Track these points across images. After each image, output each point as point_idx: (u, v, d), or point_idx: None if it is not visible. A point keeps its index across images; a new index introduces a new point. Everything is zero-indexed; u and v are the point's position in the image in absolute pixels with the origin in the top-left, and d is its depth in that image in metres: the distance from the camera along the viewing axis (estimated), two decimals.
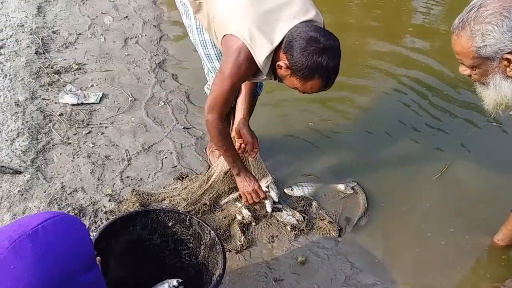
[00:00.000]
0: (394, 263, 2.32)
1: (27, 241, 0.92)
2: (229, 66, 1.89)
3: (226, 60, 1.91)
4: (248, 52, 1.84)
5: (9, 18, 3.82)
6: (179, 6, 2.27)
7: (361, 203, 2.59)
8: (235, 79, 1.92)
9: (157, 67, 3.59)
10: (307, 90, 1.88)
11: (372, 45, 4.26)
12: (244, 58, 1.85)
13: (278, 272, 2.20)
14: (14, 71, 3.22)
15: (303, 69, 1.78)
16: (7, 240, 0.92)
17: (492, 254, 2.41)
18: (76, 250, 0.98)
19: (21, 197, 2.35)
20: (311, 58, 1.75)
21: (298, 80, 1.84)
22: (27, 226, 0.94)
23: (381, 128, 3.21)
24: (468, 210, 2.62)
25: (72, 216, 1.04)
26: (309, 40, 1.75)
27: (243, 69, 1.88)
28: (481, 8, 1.54)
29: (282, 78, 1.91)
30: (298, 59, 1.76)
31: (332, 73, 1.82)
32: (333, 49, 1.79)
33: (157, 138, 2.88)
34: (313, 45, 1.75)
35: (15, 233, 0.93)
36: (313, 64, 1.75)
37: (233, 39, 1.86)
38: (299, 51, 1.76)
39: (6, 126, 2.75)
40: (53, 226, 0.96)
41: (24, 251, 0.91)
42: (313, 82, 1.82)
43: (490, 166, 2.92)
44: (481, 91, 1.74)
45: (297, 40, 1.77)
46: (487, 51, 1.56)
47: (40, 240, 0.93)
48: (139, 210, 2.03)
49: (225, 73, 1.91)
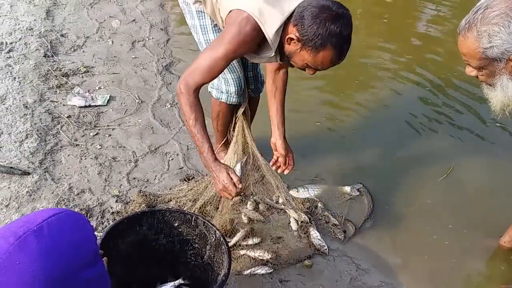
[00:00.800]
0: (399, 264, 2.32)
1: (32, 237, 0.94)
2: (230, 33, 1.75)
3: (228, 29, 1.77)
4: (255, 23, 1.74)
5: (18, 22, 3.87)
6: (183, 6, 2.27)
7: (366, 205, 2.59)
8: (232, 47, 1.76)
9: (164, 69, 3.61)
10: (318, 64, 1.76)
11: (379, 47, 4.26)
12: (251, 29, 1.74)
13: (284, 273, 2.20)
14: (23, 74, 3.26)
15: (315, 38, 1.68)
16: (12, 237, 0.93)
17: (499, 256, 2.40)
18: (80, 246, 0.99)
19: (29, 197, 2.38)
20: (323, 25, 1.66)
21: (309, 52, 1.73)
22: (32, 223, 0.96)
23: (386, 129, 3.23)
24: (473, 212, 2.61)
25: (76, 212, 1.05)
26: (321, 7, 1.68)
27: (245, 39, 1.75)
28: (488, 9, 1.54)
29: (291, 56, 1.79)
30: (310, 27, 1.67)
31: (345, 43, 1.73)
32: (346, 18, 1.71)
33: (163, 140, 2.90)
34: (326, 12, 1.67)
35: (20, 229, 0.94)
36: (326, 31, 1.66)
37: (239, 12, 1.75)
38: (310, 18, 1.67)
39: (15, 128, 2.78)
40: (57, 222, 0.98)
41: (29, 247, 0.93)
42: (325, 53, 1.71)
43: (496, 167, 2.92)
44: (488, 92, 1.74)
45: (308, 9, 1.69)
46: (493, 52, 1.56)
47: (44, 236, 0.95)
48: (145, 210, 2.05)
49: (224, 39, 1.77)
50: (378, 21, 4.80)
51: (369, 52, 4.16)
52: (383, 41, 4.34)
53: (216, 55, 1.79)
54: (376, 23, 4.75)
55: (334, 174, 2.81)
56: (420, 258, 2.36)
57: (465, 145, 3.11)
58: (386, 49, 4.23)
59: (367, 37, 4.41)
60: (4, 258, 0.92)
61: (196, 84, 1.85)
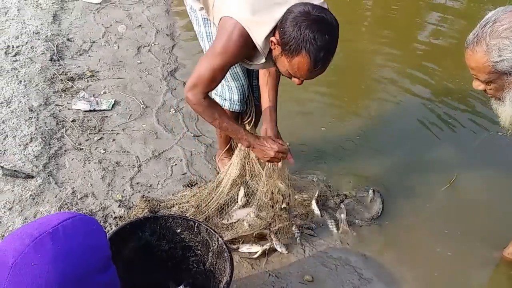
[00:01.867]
0: (402, 274, 2.30)
1: (47, 239, 0.95)
2: (222, 42, 1.78)
3: (219, 37, 1.81)
4: (244, 30, 1.75)
5: (25, 26, 3.89)
6: (190, 13, 2.29)
7: (374, 209, 2.60)
8: (226, 57, 1.80)
9: (169, 75, 3.63)
10: (296, 71, 1.74)
11: (384, 54, 4.28)
12: (239, 35, 1.75)
13: (285, 281, 2.19)
14: (28, 77, 3.28)
15: (290, 42, 1.66)
16: (28, 238, 0.94)
17: (502, 268, 2.38)
18: (93, 250, 1.00)
19: (32, 201, 2.38)
20: (298, 29, 1.64)
21: (286, 57, 1.71)
22: (48, 225, 0.97)
23: (390, 137, 3.23)
24: (477, 222, 2.60)
25: (89, 217, 1.06)
26: (302, 12, 1.66)
27: (237, 47, 1.77)
28: (496, 23, 1.54)
29: (276, 61, 1.80)
30: (287, 29, 1.66)
31: (321, 50, 1.65)
32: (325, 23, 1.66)
33: (167, 145, 2.91)
34: (304, 17, 1.65)
35: (35, 231, 0.95)
36: (300, 35, 1.63)
37: (228, 19, 1.77)
38: (289, 22, 1.66)
39: (20, 131, 2.79)
40: (72, 226, 0.99)
41: (44, 248, 0.94)
42: (300, 59, 1.68)
43: (499, 176, 2.91)
44: (497, 107, 1.73)
45: (291, 13, 1.68)
46: (503, 66, 1.55)
47: (60, 238, 0.95)
48: (148, 216, 2.05)
49: (216, 49, 1.80)
50: (384, 27, 4.81)
51: (375, 58, 4.18)
52: (389, 48, 4.36)
53: (214, 66, 1.82)
54: (382, 29, 4.77)
55: (339, 180, 2.81)
56: (423, 268, 2.34)
57: (468, 154, 3.11)
58: (391, 56, 4.25)
59: (373, 43, 4.43)
60: (19, 259, 0.93)
61: (203, 94, 1.91)
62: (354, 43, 4.39)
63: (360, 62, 4.22)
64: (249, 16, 1.74)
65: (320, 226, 2.49)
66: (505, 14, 1.54)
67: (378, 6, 5.49)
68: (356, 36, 4.58)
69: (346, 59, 4.08)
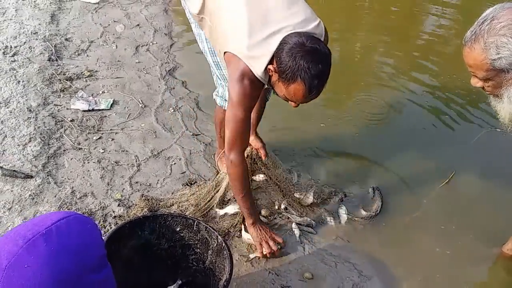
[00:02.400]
0: (402, 271, 2.30)
1: (40, 240, 0.94)
2: (236, 92, 1.90)
3: (232, 85, 1.92)
4: (251, 72, 1.87)
5: (23, 26, 3.89)
6: (189, 16, 2.32)
7: (373, 206, 2.60)
8: (244, 104, 1.93)
9: (167, 74, 3.62)
10: (292, 97, 1.86)
11: (383, 51, 4.29)
12: (249, 81, 1.88)
13: (285, 278, 2.20)
14: (27, 77, 3.28)
15: (286, 71, 1.77)
16: (21, 239, 0.94)
17: (501, 264, 2.38)
18: (88, 250, 0.99)
19: (32, 201, 2.38)
20: (293, 59, 1.75)
21: (283, 84, 1.83)
22: (41, 226, 0.96)
23: (388, 134, 3.23)
24: (476, 219, 2.60)
25: (84, 216, 1.05)
26: (296, 43, 1.78)
27: (250, 92, 1.91)
28: (494, 20, 1.54)
29: (273, 86, 1.91)
30: (283, 59, 1.78)
31: (315, 79, 1.78)
32: (318, 54, 1.78)
33: (166, 144, 2.91)
34: (299, 48, 1.76)
35: (29, 232, 0.95)
36: (295, 65, 1.75)
37: (235, 59, 1.89)
38: (285, 52, 1.78)
39: (19, 131, 2.79)
40: (66, 226, 0.98)
41: (38, 250, 0.93)
42: (296, 86, 1.80)
43: (497, 174, 2.90)
44: (495, 104, 1.73)
45: (287, 43, 1.80)
46: (501, 63, 1.55)
47: (53, 239, 0.95)
48: (147, 214, 2.05)
49: (234, 101, 1.93)
50: (383, 24, 4.82)
51: (373, 55, 4.19)
52: (387, 44, 4.37)
53: (240, 118, 1.95)
54: (381, 26, 4.77)
55: (338, 178, 2.81)
56: (422, 265, 2.35)
57: (466, 150, 3.10)
58: (390, 53, 4.26)
59: (371, 41, 4.44)
60: (12, 261, 0.92)
61: (243, 151, 2.07)
62: (353, 40, 4.40)
63: (359, 59, 4.22)
64: (249, 52, 1.86)
65: (319, 223, 2.49)
66: (503, 11, 1.54)
67: (377, 1, 5.50)
68: (355, 33, 4.59)
69: (344, 56, 4.10)
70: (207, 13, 2.08)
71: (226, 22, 1.97)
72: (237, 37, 1.90)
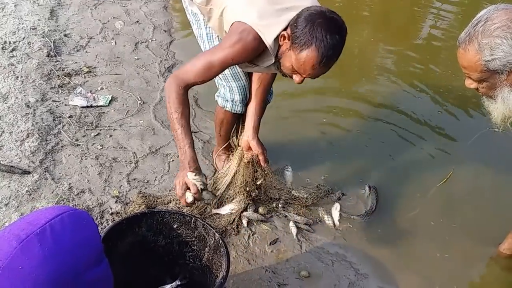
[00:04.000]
0: (398, 270, 2.31)
1: (34, 240, 0.92)
2: (230, 40, 1.80)
3: (229, 36, 1.83)
4: (256, 33, 1.78)
5: (22, 21, 3.88)
6: (190, 17, 2.30)
7: (369, 204, 2.61)
8: (230, 53, 1.80)
9: (167, 71, 3.62)
10: (300, 66, 1.76)
11: (382, 50, 4.28)
12: (252, 38, 1.79)
13: (282, 276, 2.20)
14: (25, 73, 3.27)
15: (301, 36, 1.71)
16: (15, 240, 0.92)
17: (498, 264, 2.39)
18: (84, 246, 0.98)
19: (29, 197, 2.38)
20: (311, 26, 1.70)
21: (294, 51, 1.75)
22: (35, 225, 0.94)
23: (385, 133, 3.24)
24: (472, 218, 2.61)
25: (80, 210, 1.03)
26: (316, 10, 1.74)
27: (246, 46, 1.80)
28: (488, 21, 1.54)
29: (281, 57, 1.82)
30: (300, 24, 1.72)
31: (330, 49, 1.71)
32: (337, 24, 1.74)
33: (164, 141, 2.90)
34: (318, 15, 1.72)
35: (22, 232, 0.93)
36: (312, 31, 1.69)
37: (241, 24, 1.81)
38: (303, 19, 1.72)
39: (16, 127, 2.79)
40: (60, 224, 0.96)
41: (32, 251, 0.91)
42: (308, 53, 1.71)
43: (495, 173, 2.92)
44: (488, 104, 1.74)
45: (305, 12, 1.75)
46: (495, 65, 1.56)
47: (47, 239, 0.93)
48: (144, 211, 2.05)
49: (223, 45, 1.82)
50: (383, 20, 4.83)
51: (374, 52, 4.20)
52: (387, 42, 4.37)
53: (213, 58, 1.82)
54: (381, 22, 4.78)
55: (337, 175, 2.82)
56: (419, 264, 2.35)
57: (463, 150, 3.11)
58: (389, 51, 4.26)
59: (371, 36, 4.46)
60: (6, 263, 0.90)
61: (187, 82, 1.86)
62: (353, 36, 4.39)
63: (358, 56, 4.21)
64: (261, 20, 1.79)
65: (316, 222, 2.49)
66: (497, 12, 1.55)
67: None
68: (355, 29, 4.58)
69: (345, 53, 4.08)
70: (215, 3, 2.03)
71: (235, 4, 1.90)
72: (248, 10, 1.82)
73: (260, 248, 2.32)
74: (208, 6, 2.07)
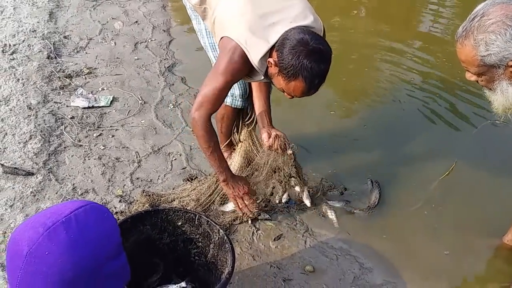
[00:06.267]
0: (403, 263, 2.31)
1: (61, 228, 0.95)
2: (223, 63, 1.90)
3: (221, 58, 1.93)
4: (242, 51, 1.87)
5: (22, 24, 3.89)
6: (190, 12, 2.32)
7: (371, 198, 2.61)
8: (228, 77, 1.92)
9: (167, 70, 3.63)
10: (290, 92, 1.88)
11: (384, 46, 4.29)
12: (238, 56, 1.88)
13: (287, 272, 2.21)
14: (26, 75, 3.28)
15: (288, 68, 1.79)
16: (41, 227, 0.94)
17: (502, 255, 2.39)
18: (106, 238, 1.00)
19: (33, 198, 2.39)
20: (297, 58, 1.77)
21: (283, 79, 1.85)
22: (60, 214, 0.97)
23: (387, 126, 3.25)
24: (476, 210, 2.61)
25: (100, 205, 1.05)
26: (300, 40, 1.78)
27: (237, 67, 1.90)
28: (484, 17, 1.56)
29: (271, 77, 1.93)
30: (286, 56, 1.79)
31: (316, 78, 1.82)
32: (321, 54, 1.80)
33: (166, 140, 2.91)
34: (302, 46, 1.77)
35: (49, 220, 0.95)
36: (299, 64, 1.77)
37: (229, 41, 1.89)
38: (288, 49, 1.78)
39: (19, 129, 2.80)
40: (84, 215, 0.99)
41: (58, 237, 0.94)
42: (297, 83, 1.83)
43: (497, 165, 2.92)
44: (489, 95, 1.76)
45: (289, 39, 1.80)
46: (491, 60, 1.58)
47: (73, 227, 0.96)
48: (149, 209, 2.06)
49: (219, 70, 1.92)
50: (383, 14, 4.84)
51: (374, 47, 4.20)
52: (388, 42, 4.36)
53: (218, 85, 1.94)
54: (380, 18, 4.78)
55: (339, 170, 2.83)
56: (423, 257, 2.36)
57: (466, 143, 3.12)
58: (390, 45, 4.26)
59: (371, 31, 4.47)
60: (33, 248, 0.93)
61: (209, 114, 2.02)
62: (353, 32, 4.40)
63: (359, 51, 4.21)
64: (247, 38, 1.86)
65: (320, 216, 2.50)
66: (493, 7, 1.56)
67: None
68: (354, 24, 4.59)
69: (345, 49, 4.09)
70: (209, 2, 2.08)
71: (225, 9, 1.97)
72: (235, 24, 1.90)
73: (265, 244, 2.33)
74: (202, 6, 2.11)
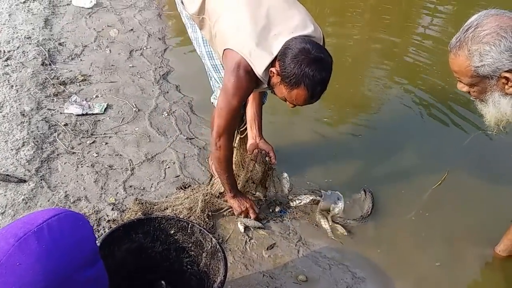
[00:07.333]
0: (395, 273, 2.31)
1: (32, 238, 0.94)
2: (231, 82, 1.94)
3: (228, 77, 1.96)
4: (247, 65, 1.90)
5: (17, 30, 3.88)
6: (185, 21, 2.33)
7: (364, 208, 2.62)
8: (239, 95, 1.98)
9: (161, 78, 3.63)
10: (292, 100, 1.91)
11: (378, 53, 4.33)
12: (244, 72, 1.92)
13: (280, 281, 2.20)
14: (20, 82, 3.27)
15: (290, 76, 1.82)
16: (12, 238, 0.94)
17: (494, 265, 2.40)
18: (80, 247, 0.99)
19: (25, 205, 2.38)
20: (299, 66, 1.80)
21: (285, 87, 1.88)
22: (32, 224, 0.96)
23: (380, 135, 3.26)
24: (468, 220, 2.62)
25: (75, 212, 1.05)
26: (301, 50, 1.81)
27: (245, 83, 1.94)
28: (478, 28, 1.57)
29: (273, 87, 1.95)
30: (288, 65, 1.82)
31: (318, 86, 1.85)
32: (322, 62, 1.84)
33: (160, 148, 2.91)
34: (304, 55, 1.80)
35: (20, 231, 0.95)
36: (301, 72, 1.80)
37: (232, 54, 1.92)
38: (290, 58, 1.82)
39: (12, 136, 2.78)
40: (57, 223, 0.98)
41: (29, 248, 0.93)
42: (299, 92, 1.86)
43: (489, 175, 2.94)
44: (481, 108, 1.77)
45: (290, 48, 1.83)
46: (485, 70, 1.59)
47: (45, 237, 0.95)
48: (141, 217, 2.04)
49: (229, 90, 1.97)
50: (381, 19, 4.88)
51: (369, 54, 4.24)
52: (380, 52, 4.40)
53: (232, 107, 2.01)
54: (379, 21, 4.83)
55: (333, 179, 2.83)
56: (416, 267, 2.36)
57: (458, 153, 3.13)
58: (384, 54, 4.30)
59: (368, 36, 4.51)
60: (4, 259, 0.92)
61: (231, 138, 2.17)
62: (346, 39, 4.43)
63: (353, 58, 4.24)
64: (251, 50, 1.88)
65: (313, 226, 2.50)
66: (487, 18, 1.57)
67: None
68: (348, 31, 4.63)
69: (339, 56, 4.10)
70: (207, 13, 2.09)
71: (227, 21, 1.99)
72: (238, 36, 1.92)
73: (257, 253, 2.32)
74: (200, 16, 2.12)
